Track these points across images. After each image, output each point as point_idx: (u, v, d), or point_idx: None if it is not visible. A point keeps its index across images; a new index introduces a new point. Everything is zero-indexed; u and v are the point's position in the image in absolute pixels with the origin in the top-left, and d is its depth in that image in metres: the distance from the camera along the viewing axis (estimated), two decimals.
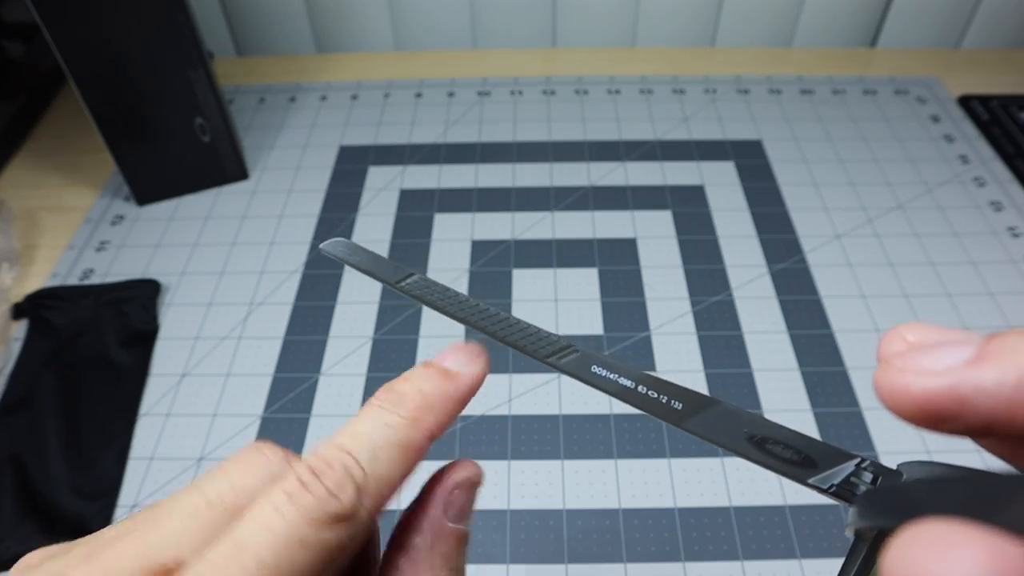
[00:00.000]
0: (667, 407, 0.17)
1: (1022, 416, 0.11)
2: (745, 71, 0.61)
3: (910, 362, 0.12)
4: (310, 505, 0.13)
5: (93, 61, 0.44)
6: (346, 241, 0.20)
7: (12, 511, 0.34)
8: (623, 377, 0.17)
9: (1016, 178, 0.51)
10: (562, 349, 0.17)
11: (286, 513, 0.13)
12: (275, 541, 0.13)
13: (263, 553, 0.12)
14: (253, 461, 0.15)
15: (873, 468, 0.15)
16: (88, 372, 0.40)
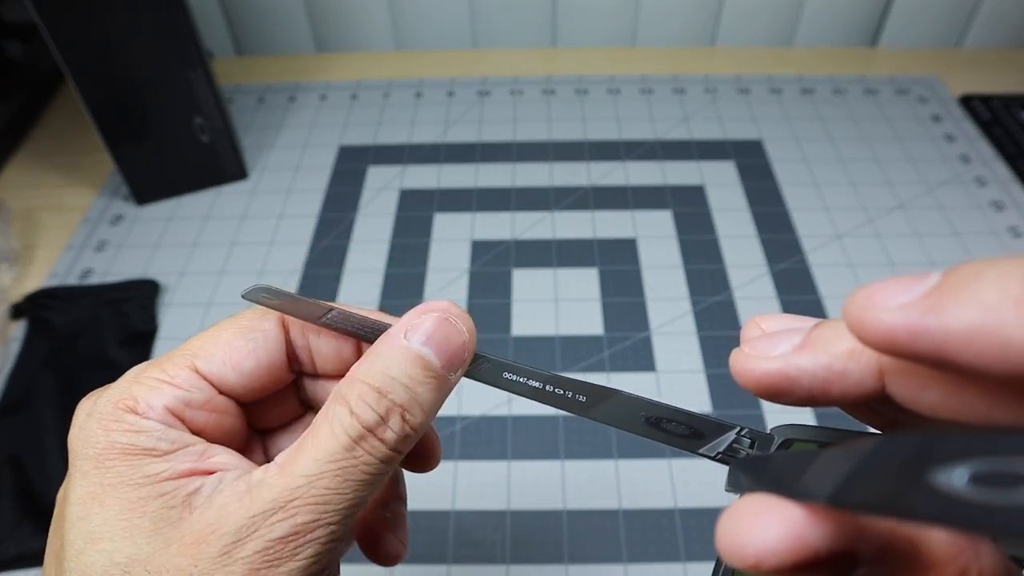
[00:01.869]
0: (573, 401, 0.18)
1: (833, 392, 0.14)
2: (745, 71, 0.61)
3: (755, 348, 0.14)
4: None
5: (92, 61, 0.44)
6: (266, 286, 0.20)
7: (11, 511, 0.34)
8: (532, 380, 0.19)
9: (1017, 178, 0.51)
10: (474, 360, 0.19)
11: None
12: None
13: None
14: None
15: (750, 435, 0.17)
16: (87, 372, 0.40)
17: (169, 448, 0.17)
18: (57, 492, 0.22)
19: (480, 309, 0.43)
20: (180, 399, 0.18)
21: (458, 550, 0.33)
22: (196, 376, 0.18)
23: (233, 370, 0.18)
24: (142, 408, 0.17)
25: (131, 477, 0.16)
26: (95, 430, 0.17)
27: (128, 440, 0.17)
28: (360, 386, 0.17)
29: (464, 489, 0.35)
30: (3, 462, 0.36)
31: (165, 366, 0.18)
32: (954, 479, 0.09)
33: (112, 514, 0.16)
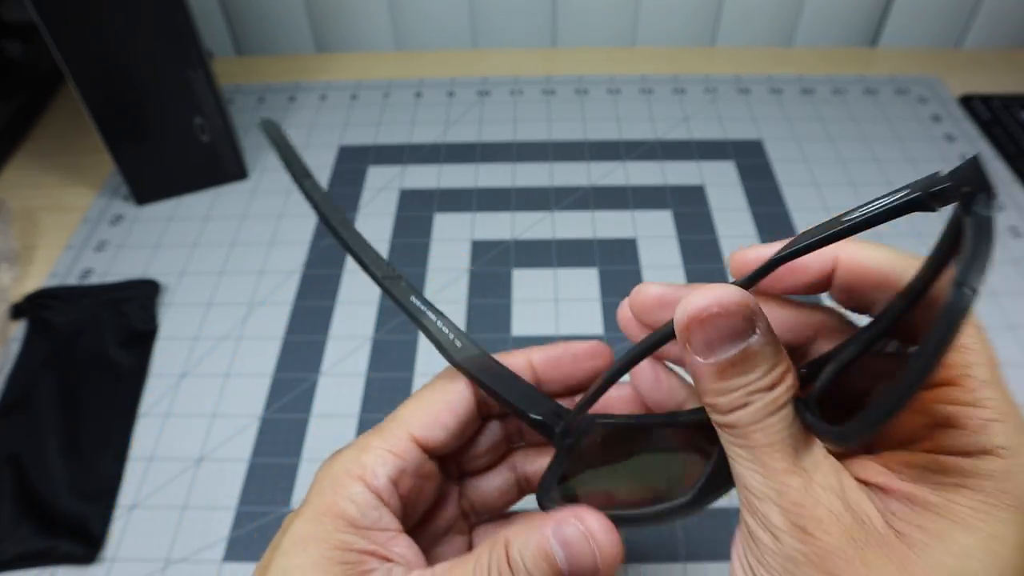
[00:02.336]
0: (450, 343, 0.23)
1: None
2: (745, 71, 0.61)
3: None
4: None
5: (92, 61, 0.44)
6: (282, 130, 0.26)
7: (11, 511, 0.34)
8: (430, 311, 0.24)
9: (1017, 178, 0.51)
10: (394, 275, 0.24)
11: None
12: None
13: None
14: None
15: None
16: (87, 372, 0.40)
17: (369, 525, 0.21)
18: (58, 492, 0.29)
19: (480, 309, 0.43)
20: (399, 468, 0.22)
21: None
22: (413, 444, 0.22)
23: (441, 429, 0.23)
24: (368, 475, 0.21)
25: (331, 538, 0.20)
26: (327, 488, 0.21)
27: (343, 507, 0.21)
28: (500, 553, 0.20)
29: None
30: (3, 462, 0.36)
31: (387, 436, 0.22)
32: None
33: (309, 560, 0.20)
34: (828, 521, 0.17)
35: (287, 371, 0.40)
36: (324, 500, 0.21)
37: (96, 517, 0.34)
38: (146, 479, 0.36)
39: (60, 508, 0.35)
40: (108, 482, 0.36)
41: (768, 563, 0.18)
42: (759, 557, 0.18)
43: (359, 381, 0.40)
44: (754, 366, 0.18)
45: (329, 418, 0.38)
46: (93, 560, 0.33)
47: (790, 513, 0.17)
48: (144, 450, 0.37)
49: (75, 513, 0.34)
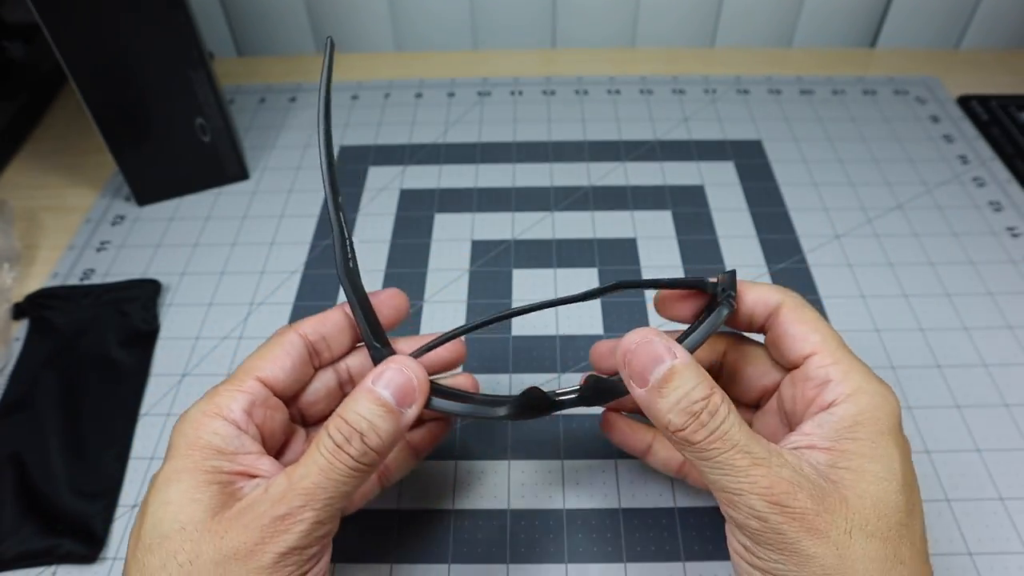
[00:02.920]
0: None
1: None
2: (745, 71, 0.61)
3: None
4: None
5: (93, 61, 0.44)
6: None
7: (13, 511, 0.34)
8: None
9: (1015, 178, 0.51)
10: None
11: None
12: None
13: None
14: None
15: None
16: (89, 372, 0.40)
17: (234, 450, 0.24)
18: (59, 491, 0.33)
19: (480, 309, 0.43)
20: (249, 400, 0.25)
21: (458, 550, 0.33)
22: (257, 382, 0.26)
23: (279, 369, 0.27)
24: (224, 411, 0.25)
25: (201, 465, 0.23)
26: (187, 429, 0.24)
27: (209, 440, 0.24)
28: (336, 419, 0.24)
29: (464, 489, 0.35)
30: (4, 462, 0.36)
31: (233, 380, 0.26)
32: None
33: (183, 488, 0.23)
34: (793, 491, 0.22)
35: None
36: (187, 439, 0.24)
37: (98, 516, 0.35)
38: (148, 479, 0.36)
39: (62, 507, 0.35)
40: (110, 481, 0.36)
41: (764, 541, 0.22)
42: (755, 540, 0.23)
43: None
44: (683, 381, 0.23)
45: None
46: (95, 559, 0.33)
47: (766, 496, 0.22)
48: (146, 450, 0.37)
49: (77, 512, 0.35)
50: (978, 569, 0.32)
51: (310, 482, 0.23)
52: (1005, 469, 0.35)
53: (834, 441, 0.24)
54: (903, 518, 0.23)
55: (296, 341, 0.28)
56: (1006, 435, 0.37)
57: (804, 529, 0.22)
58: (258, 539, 0.22)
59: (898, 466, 0.23)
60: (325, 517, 0.23)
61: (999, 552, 0.32)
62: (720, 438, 0.22)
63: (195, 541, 0.22)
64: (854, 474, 0.23)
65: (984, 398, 0.38)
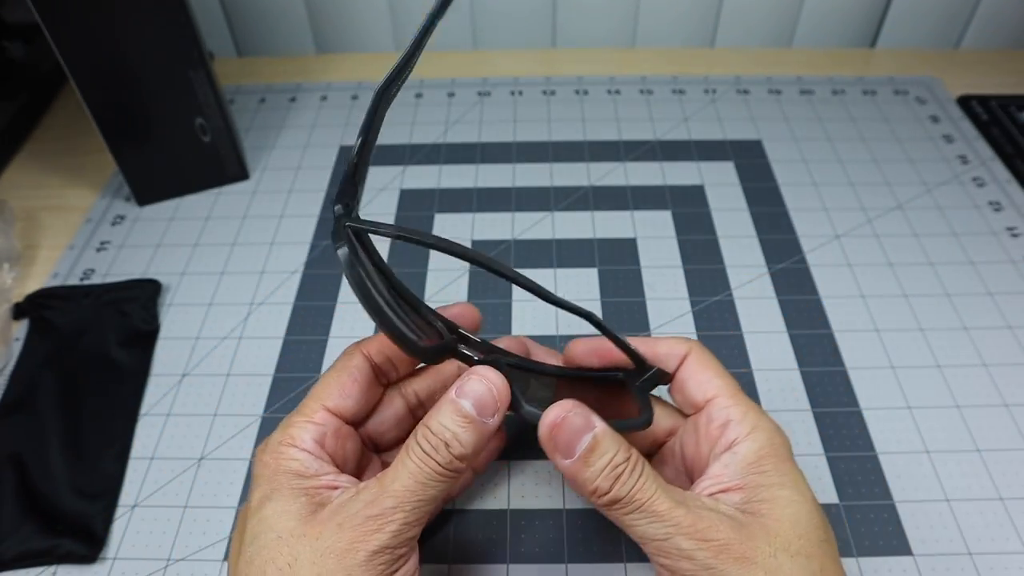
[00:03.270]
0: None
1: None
2: (745, 71, 0.61)
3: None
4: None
5: (94, 61, 0.44)
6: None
7: (12, 511, 0.34)
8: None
9: (1015, 178, 0.51)
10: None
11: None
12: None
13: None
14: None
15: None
16: (89, 372, 0.40)
17: (314, 472, 0.26)
18: (59, 491, 0.34)
19: (480, 309, 0.43)
20: (320, 432, 0.27)
21: (458, 550, 0.33)
22: (327, 413, 0.27)
23: (346, 398, 0.28)
24: (298, 442, 0.26)
25: (289, 485, 0.25)
26: (268, 460, 0.26)
27: (288, 466, 0.26)
28: (423, 428, 0.25)
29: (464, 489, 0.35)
30: (4, 462, 0.36)
31: (305, 411, 0.27)
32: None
33: (275, 505, 0.25)
34: (715, 525, 0.24)
35: (288, 371, 0.41)
36: (269, 468, 0.26)
37: (98, 516, 0.35)
38: (148, 478, 0.36)
39: (62, 507, 0.35)
40: (110, 481, 0.36)
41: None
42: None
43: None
44: (606, 448, 0.25)
45: None
46: (95, 559, 0.33)
47: (691, 534, 0.23)
48: (146, 450, 0.37)
49: (77, 512, 0.35)
50: (978, 569, 0.32)
51: (400, 485, 0.24)
52: (1005, 469, 0.35)
53: (743, 478, 0.26)
54: (822, 534, 0.25)
55: (363, 366, 0.29)
56: (1006, 435, 0.37)
57: (732, 559, 0.23)
58: (352, 538, 0.23)
59: (806, 488, 0.26)
60: (414, 519, 0.24)
61: (999, 552, 0.32)
62: (641, 489, 0.24)
63: (292, 546, 0.24)
64: (769, 503, 0.25)
65: (984, 398, 0.38)
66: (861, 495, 0.34)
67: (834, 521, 0.34)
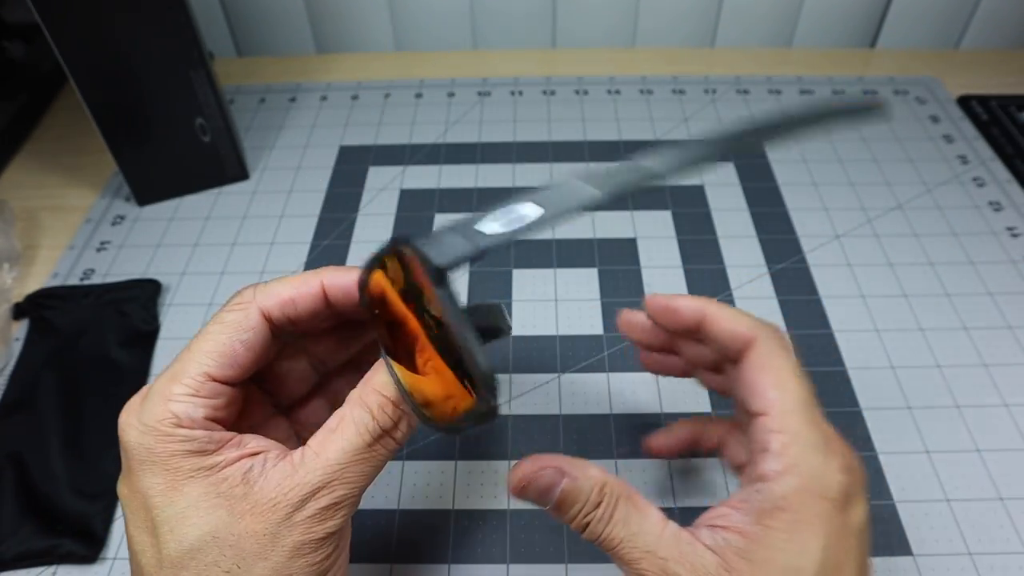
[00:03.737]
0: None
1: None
2: (745, 71, 0.61)
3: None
4: (228, 302, 0.24)
5: (94, 61, 0.44)
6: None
7: (13, 511, 0.34)
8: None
9: (1015, 178, 0.51)
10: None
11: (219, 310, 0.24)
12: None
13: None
14: None
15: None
16: (89, 372, 0.40)
17: (216, 446, 0.22)
18: (59, 491, 0.31)
19: None
20: (210, 406, 0.23)
21: (458, 550, 0.33)
22: (213, 383, 0.23)
23: (235, 368, 0.24)
24: (186, 423, 0.22)
25: (199, 470, 0.22)
26: (153, 442, 0.22)
27: (185, 447, 0.22)
28: (379, 398, 0.23)
29: (464, 489, 0.35)
30: (4, 461, 0.36)
31: (186, 380, 0.23)
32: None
33: (194, 498, 0.22)
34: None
35: None
36: (161, 452, 0.22)
37: (98, 516, 0.35)
38: None
39: (62, 507, 0.35)
40: (110, 481, 0.36)
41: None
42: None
43: None
44: (577, 497, 0.23)
45: None
46: (95, 559, 0.33)
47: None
48: None
49: (77, 512, 0.35)
50: (978, 569, 0.32)
51: (352, 470, 0.23)
52: (1005, 469, 0.35)
53: (751, 525, 0.22)
54: None
55: (260, 328, 0.24)
56: (1006, 435, 0.37)
57: None
58: (308, 528, 0.22)
59: (816, 555, 0.22)
60: (357, 501, 0.23)
61: (999, 552, 0.32)
62: (610, 536, 0.23)
63: (235, 546, 0.21)
64: (758, 567, 0.22)
65: (984, 398, 0.38)
66: None
67: None
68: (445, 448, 0.37)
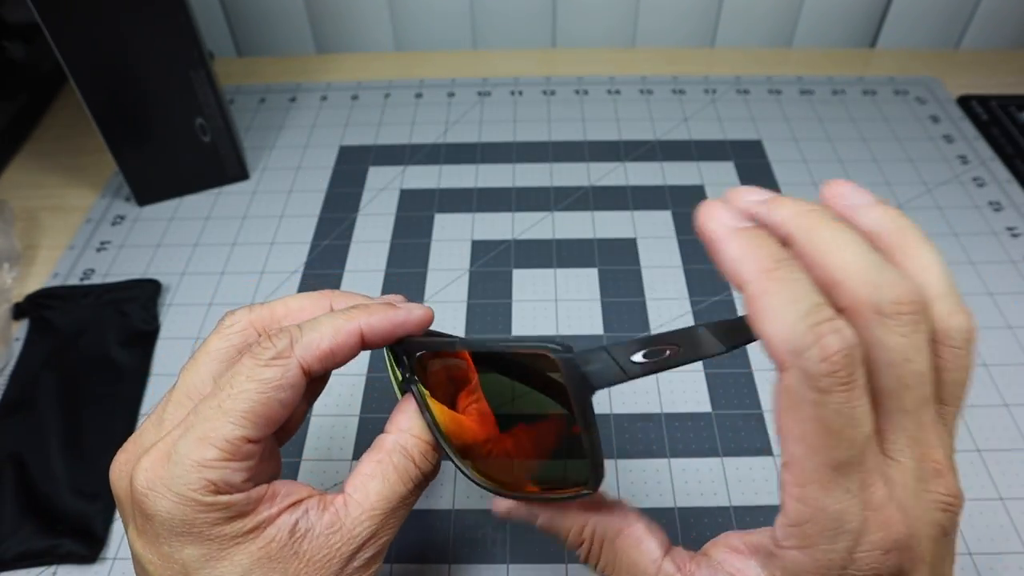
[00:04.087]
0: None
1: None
2: (745, 71, 0.61)
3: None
4: (259, 351, 0.22)
5: (94, 61, 0.44)
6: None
7: (13, 510, 0.34)
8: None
9: (1015, 178, 0.51)
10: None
11: (248, 359, 0.22)
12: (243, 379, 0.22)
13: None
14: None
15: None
16: (89, 372, 0.40)
17: (254, 506, 0.21)
18: (60, 491, 0.31)
19: (480, 309, 0.43)
20: (246, 468, 0.21)
21: (458, 550, 0.33)
22: (250, 446, 0.21)
23: (273, 426, 0.22)
24: (224, 489, 0.21)
25: (243, 535, 0.21)
26: (191, 514, 0.20)
27: (222, 514, 0.21)
28: (421, 444, 0.23)
29: (464, 489, 0.35)
30: (4, 461, 0.36)
31: (220, 444, 0.21)
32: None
33: (246, 566, 0.21)
34: None
35: None
36: (197, 523, 0.20)
37: (98, 516, 0.35)
38: None
39: (62, 507, 0.35)
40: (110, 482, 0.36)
41: None
42: None
43: (359, 381, 0.40)
44: (556, 534, 0.23)
45: (328, 418, 0.38)
46: (95, 559, 0.33)
47: None
48: None
49: (77, 512, 0.35)
50: (978, 569, 0.32)
51: (395, 517, 0.23)
52: (1005, 469, 0.35)
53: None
54: None
55: (299, 384, 0.22)
56: (1006, 435, 0.37)
57: None
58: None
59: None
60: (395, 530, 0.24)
61: (999, 552, 0.32)
62: (607, 569, 0.23)
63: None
64: None
65: (984, 398, 0.38)
66: None
67: None
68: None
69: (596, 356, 0.21)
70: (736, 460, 0.36)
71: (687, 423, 0.37)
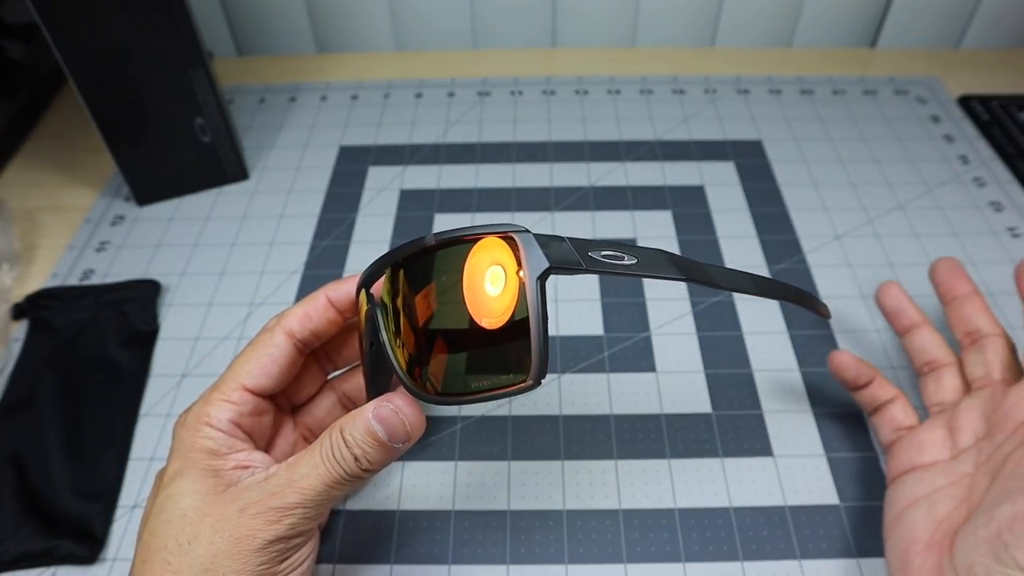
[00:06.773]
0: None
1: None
2: (745, 71, 0.61)
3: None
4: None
5: (93, 61, 0.44)
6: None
7: (12, 512, 0.34)
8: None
9: (1016, 178, 0.51)
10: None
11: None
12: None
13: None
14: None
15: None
16: (88, 372, 0.40)
17: (227, 451, 0.27)
18: (59, 492, 0.35)
19: None
20: (237, 411, 0.28)
21: (458, 550, 0.33)
22: (245, 392, 0.28)
23: (266, 377, 0.29)
24: (213, 421, 0.27)
25: (202, 463, 0.27)
26: (184, 435, 0.27)
27: (203, 444, 0.27)
28: (336, 434, 0.26)
29: (464, 489, 0.35)
30: (4, 462, 0.36)
31: (224, 389, 0.28)
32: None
33: (187, 482, 0.26)
34: None
35: None
36: (185, 444, 0.27)
37: (98, 517, 0.34)
38: (147, 479, 0.36)
39: (62, 508, 0.35)
40: (109, 482, 0.36)
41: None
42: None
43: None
44: None
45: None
46: (95, 560, 0.33)
47: None
48: (145, 450, 0.37)
49: (77, 513, 0.35)
50: None
51: (307, 483, 0.25)
52: None
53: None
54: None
55: (284, 344, 0.29)
56: None
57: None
58: (252, 525, 0.25)
59: None
60: (314, 514, 0.26)
61: None
62: None
63: (194, 524, 0.25)
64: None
65: None
66: (862, 496, 0.34)
67: (835, 521, 0.34)
68: (445, 449, 0.37)
69: (556, 241, 0.23)
70: (736, 460, 0.36)
71: (687, 423, 0.37)
